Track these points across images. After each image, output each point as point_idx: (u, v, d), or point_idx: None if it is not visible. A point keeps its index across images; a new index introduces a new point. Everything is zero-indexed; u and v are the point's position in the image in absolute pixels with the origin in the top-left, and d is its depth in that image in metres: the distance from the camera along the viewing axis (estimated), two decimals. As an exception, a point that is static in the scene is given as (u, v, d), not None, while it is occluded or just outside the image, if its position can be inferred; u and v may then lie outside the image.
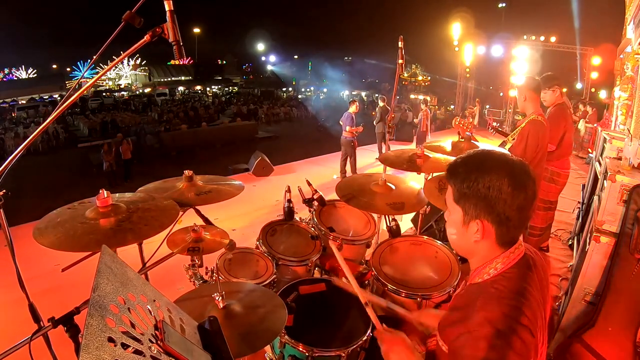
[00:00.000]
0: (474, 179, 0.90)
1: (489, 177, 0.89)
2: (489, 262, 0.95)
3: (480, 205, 0.91)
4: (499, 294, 0.88)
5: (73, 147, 17.30)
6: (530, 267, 0.95)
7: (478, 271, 0.97)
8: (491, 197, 0.89)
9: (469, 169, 0.93)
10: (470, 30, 16.73)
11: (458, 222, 0.96)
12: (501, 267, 0.93)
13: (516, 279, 0.91)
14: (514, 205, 0.88)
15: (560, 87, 3.40)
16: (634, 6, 4.78)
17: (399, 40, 2.50)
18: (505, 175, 0.88)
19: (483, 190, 0.89)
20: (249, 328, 1.35)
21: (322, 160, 9.09)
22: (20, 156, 1.17)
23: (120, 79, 39.88)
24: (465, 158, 0.96)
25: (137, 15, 1.13)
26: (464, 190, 0.92)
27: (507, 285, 0.89)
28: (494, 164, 0.91)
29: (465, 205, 0.93)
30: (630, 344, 1.99)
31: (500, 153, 0.96)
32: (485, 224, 0.92)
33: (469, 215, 0.93)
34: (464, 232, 0.96)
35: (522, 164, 0.92)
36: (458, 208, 0.95)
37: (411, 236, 2.39)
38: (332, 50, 37.15)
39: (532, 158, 2.71)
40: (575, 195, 4.45)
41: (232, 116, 23.10)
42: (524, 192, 0.89)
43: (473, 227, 0.93)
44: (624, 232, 2.01)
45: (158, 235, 1.50)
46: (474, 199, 0.91)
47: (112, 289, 0.64)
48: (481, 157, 0.95)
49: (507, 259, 0.93)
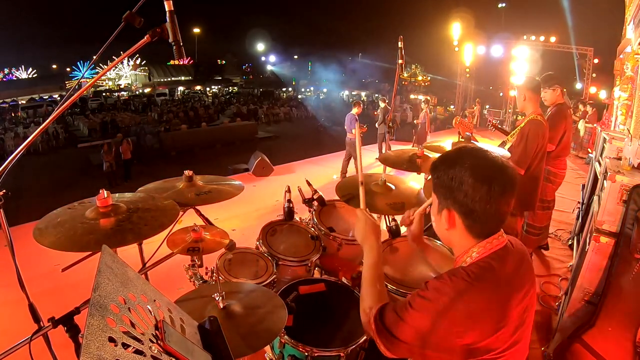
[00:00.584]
0: (442, 170, 0.97)
1: (453, 169, 0.95)
2: (466, 251, 1.00)
3: (446, 195, 0.97)
4: (463, 274, 0.92)
5: (73, 147, 17.32)
6: (505, 259, 0.96)
7: (458, 259, 1.03)
8: (453, 187, 0.94)
9: (442, 161, 1.00)
10: (470, 30, 16.75)
11: (434, 210, 1.05)
12: (476, 256, 0.97)
13: (486, 267, 0.94)
14: (475, 197, 0.92)
15: (561, 86, 3.38)
16: (634, 6, 4.79)
17: (399, 41, 2.50)
18: (468, 167, 0.92)
19: (447, 181, 0.96)
20: (248, 328, 1.35)
21: (322, 160, 9.10)
22: (20, 156, 1.17)
23: (120, 79, 39.88)
24: (445, 153, 1.05)
25: (137, 15, 1.13)
26: (435, 180, 1.01)
27: (474, 271, 0.93)
28: (461, 158, 0.95)
29: (438, 195, 1.01)
30: (630, 344, 1.99)
31: (477, 149, 0.99)
32: (451, 214, 0.98)
33: (441, 205, 1.00)
34: (438, 220, 1.03)
35: (496, 160, 0.94)
36: (434, 197, 1.03)
37: (411, 236, 2.39)
38: (332, 50, 37.18)
39: (533, 158, 2.71)
40: (575, 195, 4.45)
41: (232, 116, 23.11)
42: (487, 186, 0.91)
43: (444, 216, 0.99)
44: (624, 232, 2.01)
45: (158, 235, 1.49)
46: (442, 189, 0.98)
47: (112, 289, 0.64)
48: (455, 152, 1.01)
49: (484, 249, 0.97)
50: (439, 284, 0.93)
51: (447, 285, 0.92)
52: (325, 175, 7.46)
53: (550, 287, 3.23)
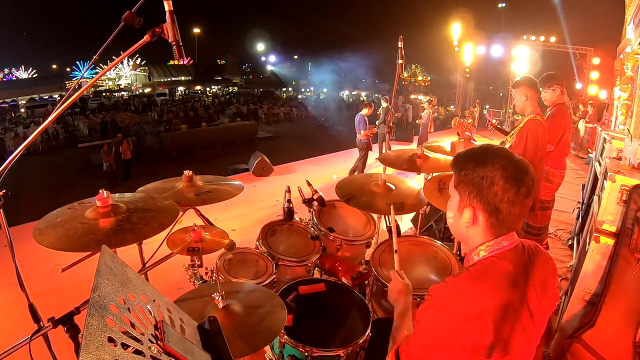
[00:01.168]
0: (471, 168, 0.96)
1: (484, 168, 0.94)
2: (474, 248, 1.00)
3: (473, 193, 0.96)
4: (466, 274, 0.94)
5: (73, 147, 17.32)
6: (515, 261, 0.96)
7: (467, 257, 1.03)
8: (483, 186, 0.94)
9: (468, 159, 0.99)
10: (470, 31, 16.74)
11: (454, 207, 1.03)
12: (484, 255, 0.98)
13: (492, 268, 0.94)
14: (504, 198, 0.92)
15: (561, 86, 3.37)
16: (634, 6, 4.78)
17: (399, 41, 2.50)
18: (499, 168, 0.92)
19: (477, 179, 0.95)
20: (248, 328, 1.35)
21: (322, 160, 9.10)
22: (20, 156, 1.17)
23: (120, 79, 39.88)
24: (469, 150, 1.03)
25: (137, 15, 1.13)
26: (461, 177, 0.99)
27: (477, 269, 0.95)
28: (491, 157, 0.95)
29: (461, 192, 0.99)
30: (630, 344, 1.99)
31: (502, 149, 0.99)
32: (476, 212, 0.97)
33: (463, 202, 0.99)
34: (458, 216, 1.02)
35: (522, 162, 0.96)
36: (456, 193, 1.02)
37: (411, 236, 2.39)
38: (331, 50, 37.08)
39: (533, 158, 2.71)
40: (575, 195, 4.45)
41: (232, 116, 23.10)
42: (516, 187, 0.92)
43: (466, 213, 0.98)
44: (624, 232, 2.01)
45: (158, 236, 1.50)
46: (468, 186, 0.97)
47: (112, 289, 0.64)
48: (482, 150, 1.00)
49: (491, 248, 0.98)
50: (439, 287, 0.95)
51: (448, 287, 0.94)
52: (325, 175, 7.46)
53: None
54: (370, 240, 2.40)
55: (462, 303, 0.90)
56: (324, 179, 7.01)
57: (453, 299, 0.91)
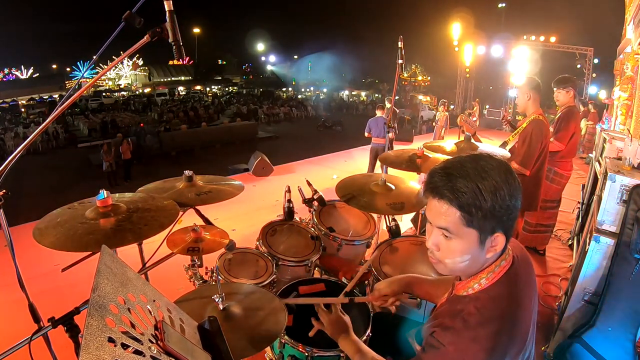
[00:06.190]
0: (497, 202, 0.82)
1: (503, 199, 0.83)
2: (474, 277, 0.92)
3: (499, 224, 0.85)
4: (478, 318, 0.85)
5: (73, 147, 17.34)
6: (516, 280, 0.92)
7: (463, 285, 0.94)
8: (511, 217, 0.85)
9: (470, 182, 0.82)
10: (470, 31, 16.78)
11: (473, 245, 0.86)
12: (485, 283, 0.90)
13: (499, 299, 0.88)
14: (515, 211, 0.86)
15: (574, 88, 3.43)
16: (634, 6, 4.79)
17: (399, 41, 2.50)
18: (507, 193, 0.83)
19: (503, 211, 0.83)
20: (248, 329, 1.34)
21: (322, 160, 9.09)
22: (20, 156, 1.17)
23: (120, 79, 39.91)
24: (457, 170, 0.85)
25: (137, 15, 1.13)
26: (476, 210, 0.82)
27: (489, 307, 0.86)
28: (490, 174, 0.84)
29: (481, 225, 0.84)
30: (630, 344, 1.99)
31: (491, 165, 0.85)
32: (500, 237, 0.87)
33: (484, 234, 0.85)
34: (479, 252, 0.88)
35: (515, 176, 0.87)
36: (471, 231, 0.85)
37: (411, 236, 2.39)
38: (331, 50, 37.12)
39: (537, 158, 2.71)
40: (575, 195, 4.44)
41: (232, 116, 23.12)
42: (516, 201, 0.85)
43: (488, 243, 0.87)
44: (624, 232, 2.01)
45: (158, 235, 1.49)
46: (487, 214, 0.83)
47: (112, 289, 0.64)
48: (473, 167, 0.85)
49: (494, 274, 0.90)
50: (453, 338, 0.84)
51: (464, 336, 0.83)
52: (325, 175, 7.45)
53: (550, 287, 3.23)
54: (370, 240, 2.40)
55: (479, 354, 0.82)
56: (324, 179, 7.00)
57: (470, 352, 0.82)
